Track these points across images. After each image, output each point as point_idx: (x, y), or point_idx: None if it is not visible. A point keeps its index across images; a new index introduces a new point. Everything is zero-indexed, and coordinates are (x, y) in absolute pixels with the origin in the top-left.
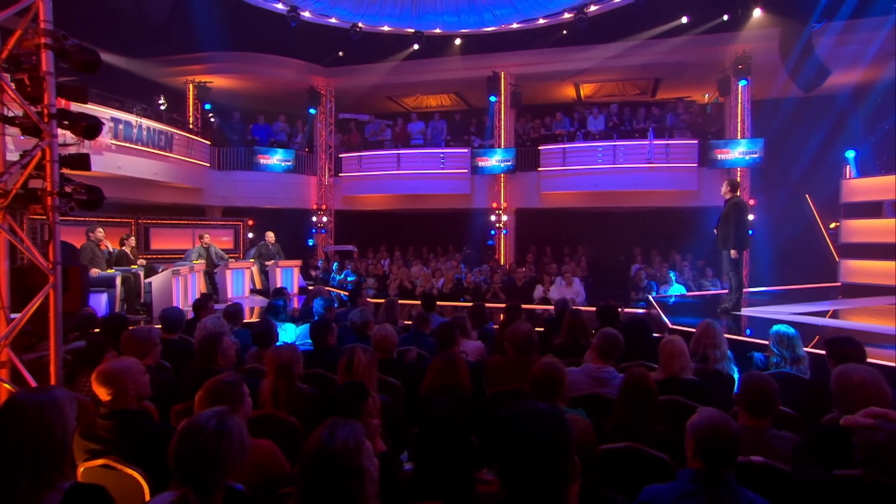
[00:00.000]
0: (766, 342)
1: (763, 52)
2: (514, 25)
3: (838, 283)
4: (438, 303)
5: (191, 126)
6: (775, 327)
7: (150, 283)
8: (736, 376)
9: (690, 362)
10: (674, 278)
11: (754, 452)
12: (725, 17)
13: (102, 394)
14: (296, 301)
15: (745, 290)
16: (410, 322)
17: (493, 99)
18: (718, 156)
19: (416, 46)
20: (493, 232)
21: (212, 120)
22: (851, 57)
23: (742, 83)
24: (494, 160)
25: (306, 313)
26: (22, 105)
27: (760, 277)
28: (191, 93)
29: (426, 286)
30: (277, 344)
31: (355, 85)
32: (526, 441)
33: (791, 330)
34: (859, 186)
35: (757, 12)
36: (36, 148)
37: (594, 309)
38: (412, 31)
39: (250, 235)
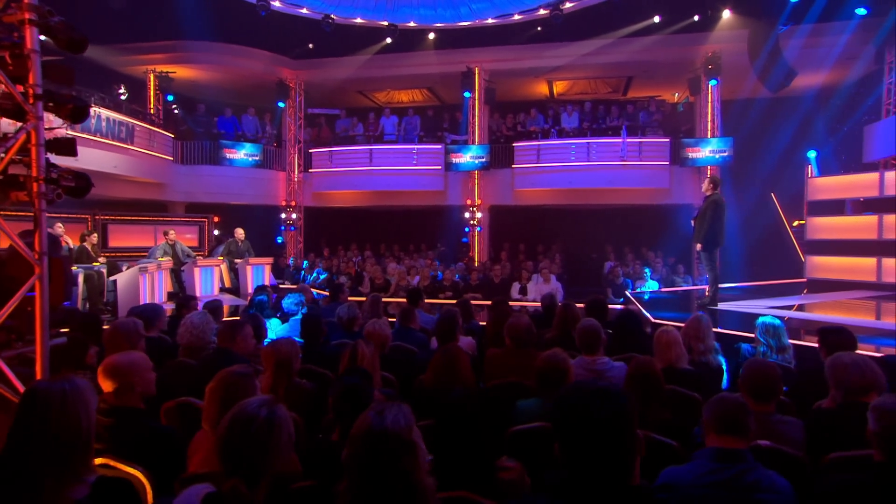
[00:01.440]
0: (746, 333)
1: (733, 52)
2: (490, 21)
3: (804, 279)
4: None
5: (152, 117)
6: (761, 318)
7: (113, 281)
8: (724, 367)
9: (685, 352)
10: (648, 275)
11: (760, 437)
12: (696, 18)
13: (106, 386)
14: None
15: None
16: (393, 319)
17: (467, 95)
18: (690, 154)
19: (388, 40)
20: (466, 229)
21: (175, 112)
22: (817, 59)
23: (712, 83)
24: (468, 157)
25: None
26: (6, 85)
27: (731, 274)
28: (151, 83)
29: (401, 284)
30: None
31: (325, 78)
32: (595, 418)
33: (777, 321)
34: (824, 185)
35: (726, 13)
36: (20, 131)
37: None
38: (386, 23)
39: (216, 233)
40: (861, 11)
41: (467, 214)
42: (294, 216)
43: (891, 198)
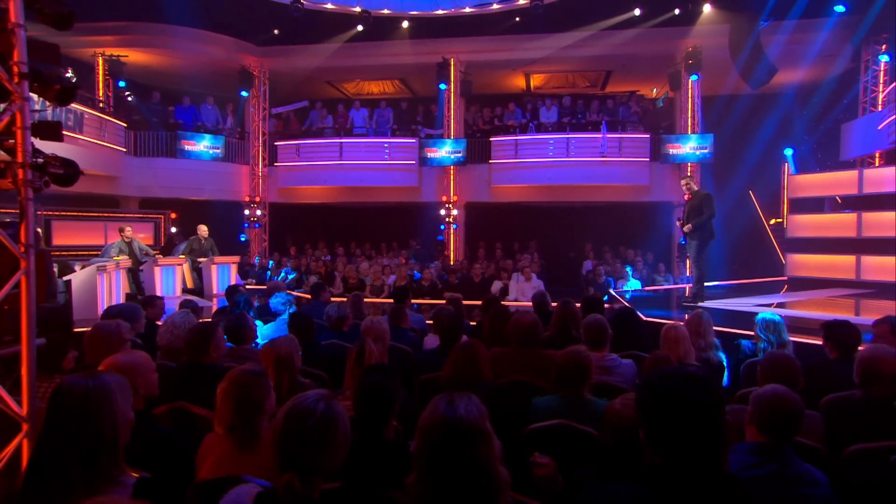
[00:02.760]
0: (733, 330)
1: (713, 47)
2: (467, 10)
3: (785, 278)
4: (388, 300)
5: (102, 105)
6: (761, 314)
7: (66, 281)
8: (725, 364)
9: (692, 348)
10: (630, 274)
11: None
12: (677, 11)
13: None
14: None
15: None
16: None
17: (443, 87)
18: (670, 150)
19: (360, 28)
20: (442, 227)
21: (128, 99)
22: (797, 56)
23: (693, 78)
24: (444, 151)
25: (263, 311)
26: None
27: (712, 272)
28: (101, 67)
29: (376, 284)
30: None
31: (292, 67)
32: (692, 402)
33: (776, 317)
34: (804, 183)
35: (707, 8)
36: (5, 112)
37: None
38: (359, 10)
39: (173, 230)
40: (840, 9)
41: (443, 211)
42: (258, 213)
43: (870, 196)
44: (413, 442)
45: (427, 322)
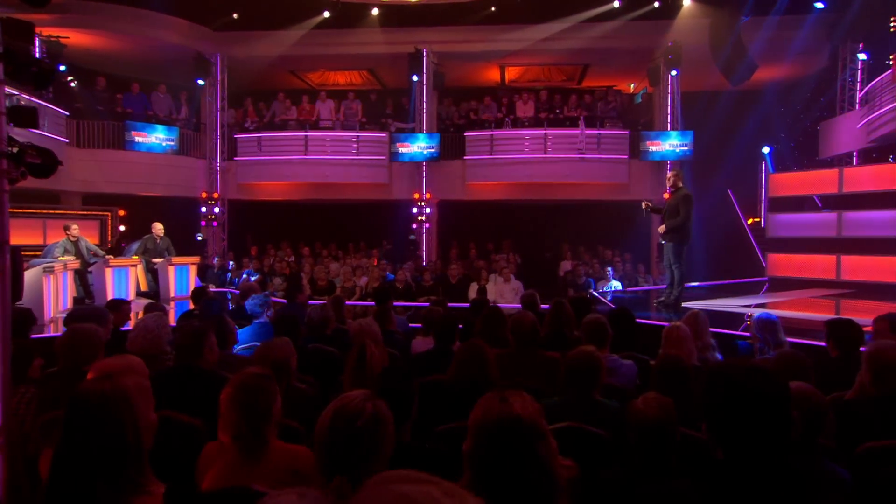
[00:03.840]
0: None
1: (694, 43)
2: None
3: (765, 278)
4: (363, 303)
5: (40, 91)
6: (758, 314)
7: None
8: None
9: (695, 349)
10: (611, 274)
11: None
12: (657, 4)
13: None
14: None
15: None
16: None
17: (415, 78)
18: (650, 147)
19: (326, 14)
20: (414, 226)
21: (70, 85)
22: (777, 53)
23: (672, 73)
24: (416, 146)
25: (236, 314)
26: None
27: (692, 272)
28: (37, 49)
29: (347, 286)
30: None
31: (252, 55)
32: (760, 395)
33: (773, 316)
34: (784, 181)
35: (687, 2)
36: None
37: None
38: None
39: (121, 228)
40: (819, 5)
41: (414, 210)
42: (216, 210)
43: (850, 195)
44: (465, 443)
45: (409, 325)
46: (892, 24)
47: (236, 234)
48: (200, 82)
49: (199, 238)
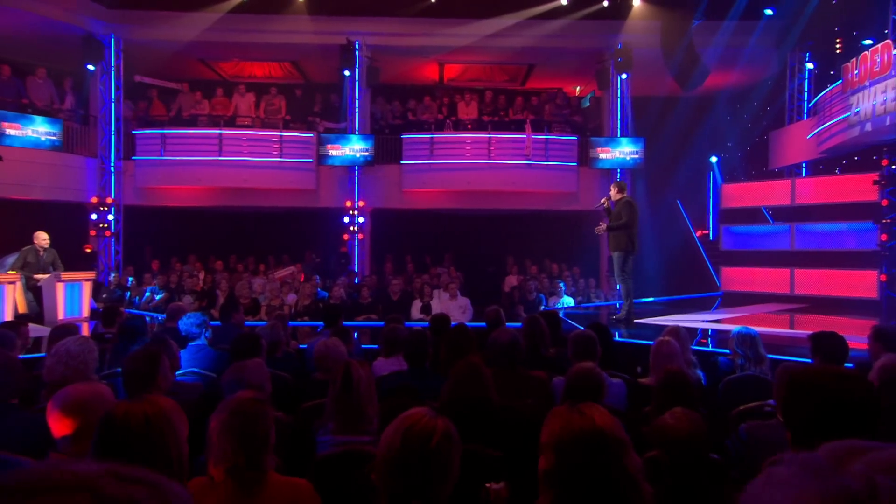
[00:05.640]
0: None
1: (644, 46)
2: None
3: (719, 292)
4: (298, 323)
5: None
6: (737, 329)
7: None
8: (703, 382)
9: (685, 364)
10: (563, 289)
11: None
12: (605, 3)
13: (62, 428)
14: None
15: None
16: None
17: (347, 73)
18: (600, 155)
19: None
20: (345, 237)
21: None
22: (729, 59)
23: (622, 77)
24: (348, 149)
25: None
26: None
27: (646, 288)
28: None
29: (273, 304)
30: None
31: (155, 38)
32: (849, 403)
33: (753, 330)
34: (735, 192)
35: (637, 2)
36: None
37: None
38: None
39: None
40: (768, 12)
41: (346, 219)
42: (110, 218)
43: (803, 206)
44: (542, 462)
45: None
46: (837, 45)
47: (134, 246)
48: (91, 68)
49: (91, 251)
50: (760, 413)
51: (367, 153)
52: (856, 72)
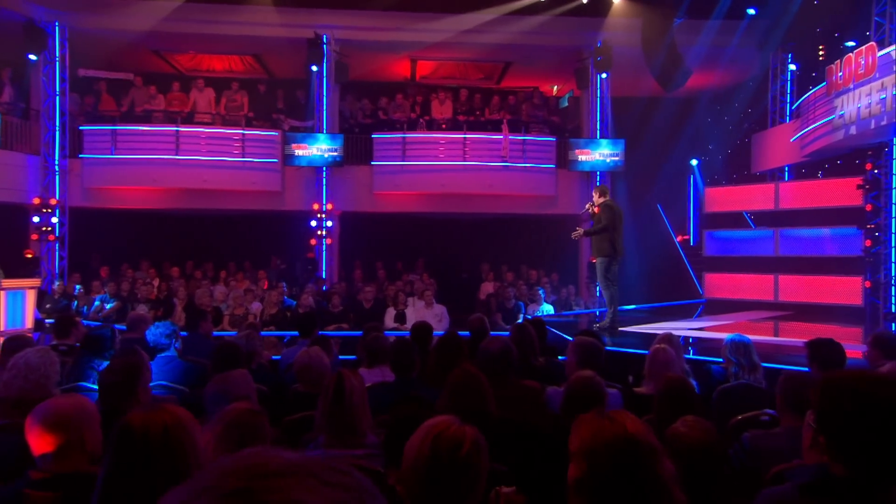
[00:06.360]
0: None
1: (625, 44)
2: None
3: (702, 299)
4: (267, 333)
5: None
6: (730, 336)
7: None
8: (696, 391)
9: (682, 373)
10: (542, 296)
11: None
12: (585, 0)
13: (44, 444)
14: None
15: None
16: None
17: (314, 69)
18: (579, 157)
19: None
20: (312, 242)
21: None
22: (711, 60)
23: (602, 76)
24: (315, 149)
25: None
26: None
27: (628, 295)
28: None
29: (237, 313)
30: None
31: (105, 27)
32: (887, 406)
33: (746, 338)
34: (718, 197)
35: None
36: None
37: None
38: None
39: None
40: (751, 11)
41: (313, 223)
42: (54, 220)
43: (787, 211)
44: (572, 470)
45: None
46: (820, 48)
47: (80, 252)
48: (32, 57)
49: (32, 256)
50: (758, 422)
51: (335, 153)
52: (840, 73)
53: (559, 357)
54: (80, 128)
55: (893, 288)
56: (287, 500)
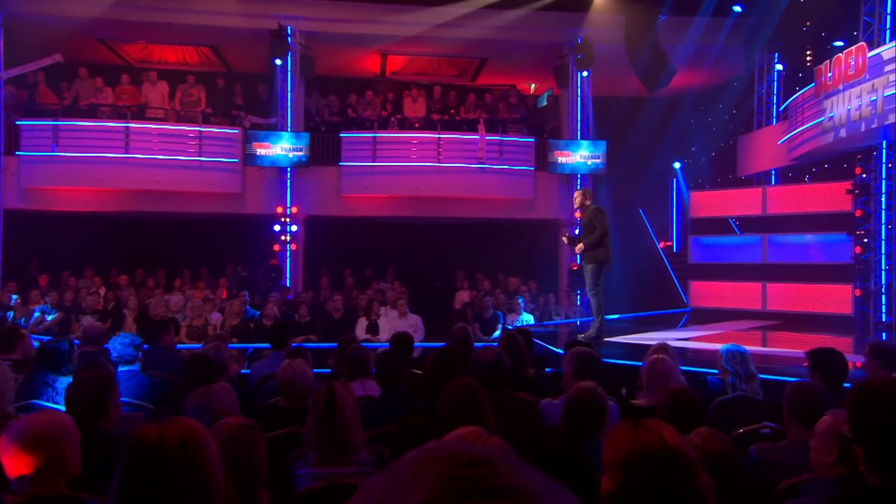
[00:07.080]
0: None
1: (607, 41)
2: None
3: (688, 308)
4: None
5: None
6: (725, 346)
7: None
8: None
9: (681, 384)
10: (522, 306)
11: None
12: None
13: (21, 466)
14: None
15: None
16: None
17: (278, 62)
18: (559, 159)
19: None
20: (276, 248)
21: None
22: (696, 59)
23: (583, 74)
24: (279, 148)
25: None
26: None
27: (611, 304)
28: None
29: (195, 324)
30: None
31: (44, 13)
32: None
33: (742, 347)
34: (704, 201)
35: None
36: None
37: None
38: None
39: None
40: (737, 9)
41: (276, 227)
42: None
43: (775, 216)
44: (606, 481)
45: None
46: (807, 48)
47: (16, 258)
48: None
49: None
50: (759, 435)
51: (300, 153)
52: (830, 74)
53: (546, 369)
54: (17, 122)
55: (884, 296)
56: (511, 485)
